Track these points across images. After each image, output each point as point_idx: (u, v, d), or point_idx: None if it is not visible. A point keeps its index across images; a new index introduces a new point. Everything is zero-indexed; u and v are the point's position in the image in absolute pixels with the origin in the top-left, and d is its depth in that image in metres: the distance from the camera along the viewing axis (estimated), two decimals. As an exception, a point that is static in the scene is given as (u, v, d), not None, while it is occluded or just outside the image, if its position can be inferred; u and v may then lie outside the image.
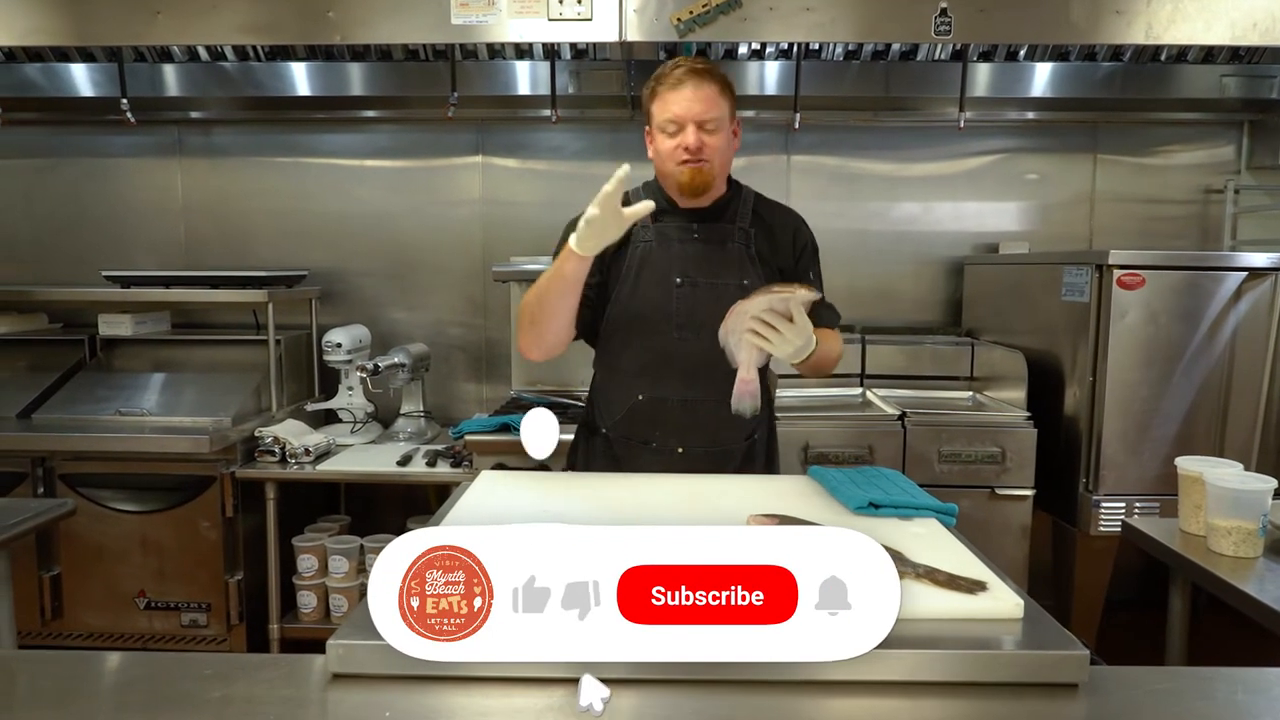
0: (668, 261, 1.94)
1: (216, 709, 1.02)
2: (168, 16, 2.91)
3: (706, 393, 1.90)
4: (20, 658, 1.32)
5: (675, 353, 1.91)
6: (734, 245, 1.97)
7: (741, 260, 1.97)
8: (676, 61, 1.89)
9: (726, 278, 1.94)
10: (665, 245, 1.96)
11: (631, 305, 1.94)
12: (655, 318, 1.93)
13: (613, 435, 2.01)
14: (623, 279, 1.95)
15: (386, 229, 3.89)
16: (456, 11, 2.86)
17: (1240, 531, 1.82)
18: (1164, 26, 2.83)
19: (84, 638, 3.13)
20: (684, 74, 1.85)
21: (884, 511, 1.57)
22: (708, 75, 1.86)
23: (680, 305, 1.92)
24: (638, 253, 1.95)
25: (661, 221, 1.97)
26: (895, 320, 3.84)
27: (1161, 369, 2.84)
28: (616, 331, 1.97)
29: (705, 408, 1.90)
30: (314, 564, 3.21)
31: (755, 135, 3.84)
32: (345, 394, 3.62)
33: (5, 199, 3.94)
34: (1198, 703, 1.09)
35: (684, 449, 1.86)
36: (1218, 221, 3.77)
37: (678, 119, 1.85)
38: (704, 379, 1.89)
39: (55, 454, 3.09)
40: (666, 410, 1.63)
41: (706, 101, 1.85)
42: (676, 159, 1.87)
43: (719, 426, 1.77)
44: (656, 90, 1.88)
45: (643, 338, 1.94)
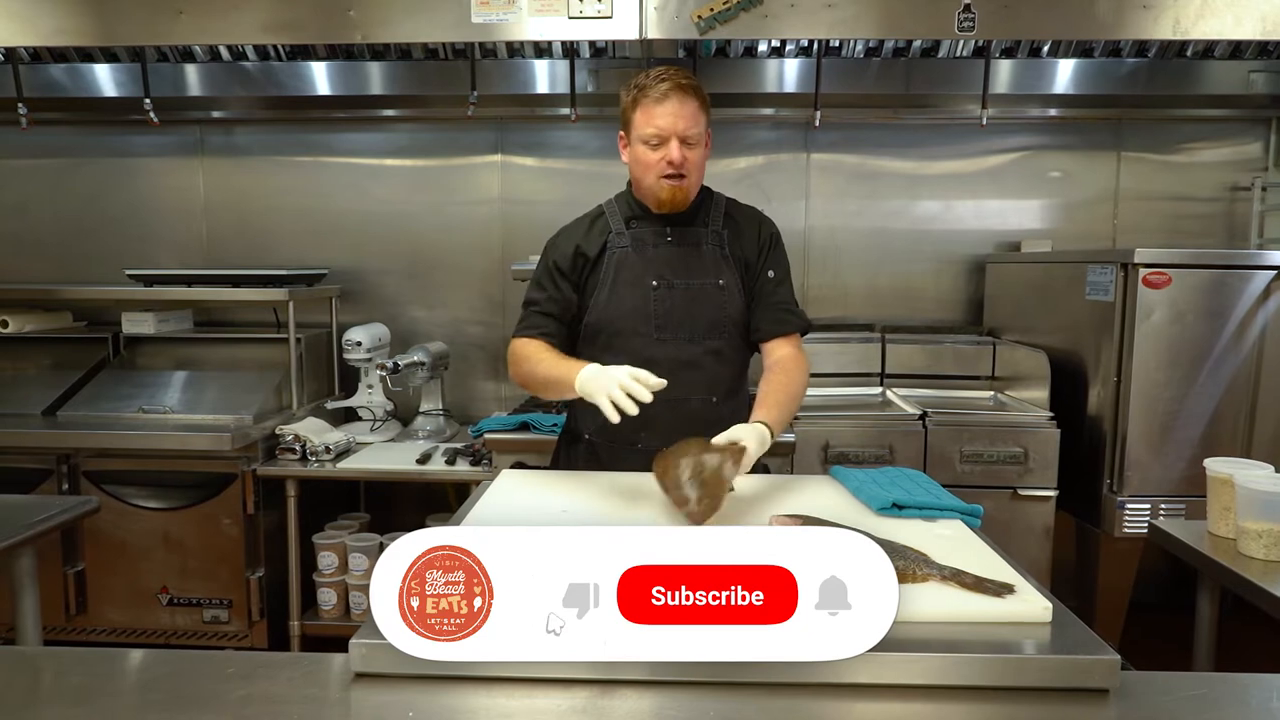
0: (644, 265, 1.97)
1: (238, 708, 1.02)
2: (190, 16, 2.93)
3: (690, 390, 1.93)
4: (45, 654, 1.33)
5: (656, 353, 1.93)
6: (708, 247, 2.00)
7: (716, 261, 1.99)
8: (660, 72, 1.87)
9: (703, 278, 1.97)
10: (641, 250, 1.98)
11: (610, 310, 1.97)
12: (634, 320, 1.95)
13: (597, 440, 2.03)
14: (599, 285, 1.98)
15: (406, 228, 3.90)
16: (477, 10, 2.86)
17: (1271, 534, 1.79)
18: (1192, 21, 2.79)
19: (107, 633, 3.16)
20: (670, 88, 1.84)
21: (908, 513, 1.56)
22: (691, 91, 1.87)
23: (658, 307, 1.95)
24: (614, 258, 1.98)
25: (635, 228, 2.00)
26: (916, 319, 3.81)
27: (1188, 369, 2.80)
28: (597, 336, 1.99)
29: (689, 406, 1.92)
30: (334, 561, 3.22)
31: (775, 133, 3.82)
32: (365, 392, 3.63)
33: (31, 198, 3.98)
34: (1232, 709, 1.07)
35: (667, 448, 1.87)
36: (1244, 219, 3.72)
37: (662, 133, 1.86)
38: (686, 377, 1.92)
39: (79, 451, 3.12)
40: (651, 410, 1.65)
41: (690, 118, 1.86)
42: (659, 172, 1.89)
43: (704, 424, 1.78)
44: (639, 100, 1.87)
45: (623, 340, 1.96)
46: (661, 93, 1.84)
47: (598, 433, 2.02)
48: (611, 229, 2.00)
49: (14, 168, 3.97)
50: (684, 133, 1.85)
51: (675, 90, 1.84)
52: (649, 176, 1.91)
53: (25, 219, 3.99)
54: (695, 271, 1.97)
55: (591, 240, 2.00)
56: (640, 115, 1.87)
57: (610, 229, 2.00)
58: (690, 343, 1.95)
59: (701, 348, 1.96)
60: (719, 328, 1.97)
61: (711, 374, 1.97)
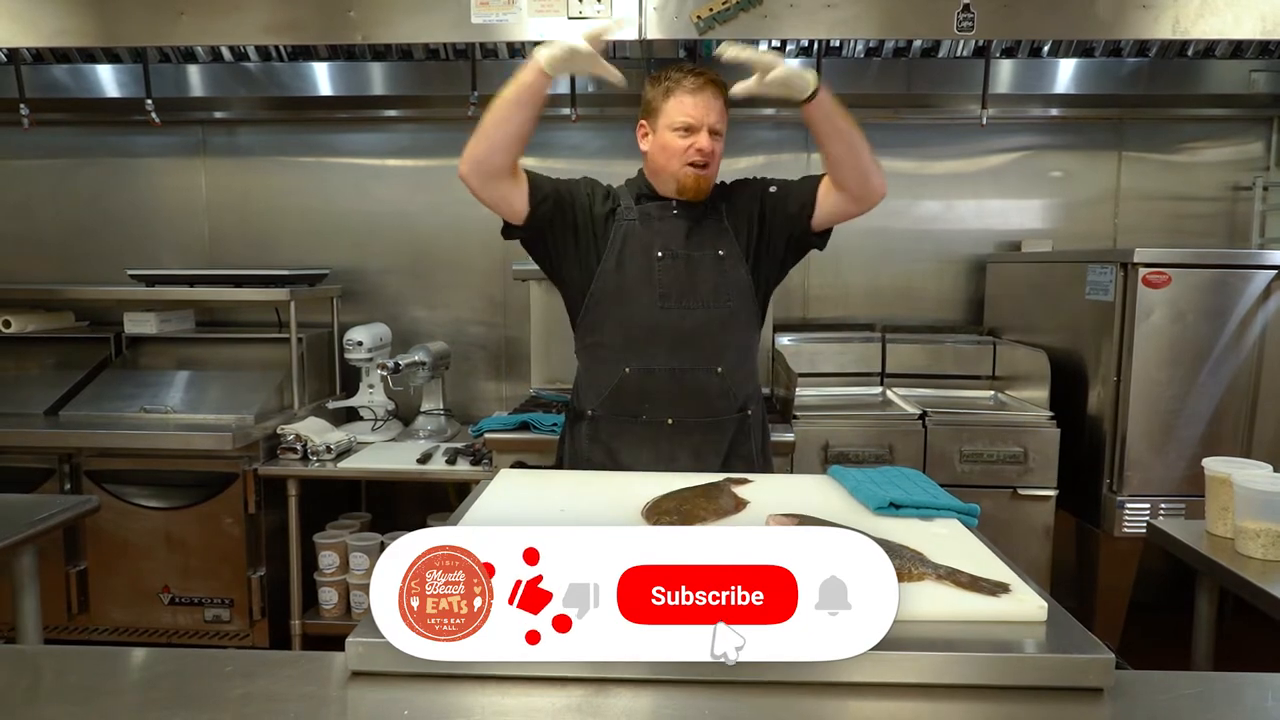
0: (649, 236, 2.02)
1: (238, 706, 1.02)
2: (192, 17, 2.94)
3: (694, 361, 1.97)
4: (46, 653, 1.33)
5: (661, 323, 1.97)
6: (710, 220, 2.06)
7: (718, 232, 2.05)
8: (693, 68, 1.99)
9: (702, 249, 2.02)
10: (647, 223, 2.04)
11: (615, 279, 2.01)
12: (639, 290, 2.00)
13: (599, 415, 2.05)
14: (606, 256, 2.02)
15: (407, 228, 3.91)
16: (477, 10, 2.87)
17: (1269, 534, 1.80)
18: (1192, 21, 2.79)
19: (109, 633, 3.17)
20: (703, 81, 1.97)
21: (905, 512, 1.56)
22: (721, 87, 1.98)
23: (663, 276, 1.99)
24: (621, 230, 2.04)
25: (644, 204, 2.07)
26: (917, 319, 3.81)
27: (1188, 369, 2.80)
28: (601, 306, 2.03)
29: (693, 376, 1.95)
30: (335, 560, 3.23)
31: (776, 134, 3.83)
32: (366, 392, 3.64)
33: (33, 199, 4.00)
34: (1226, 709, 1.07)
35: (674, 419, 1.89)
36: (1246, 219, 3.72)
37: (695, 122, 1.95)
38: (690, 348, 1.97)
39: (82, 450, 3.13)
40: (655, 381, 1.67)
41: (719, 112, 1.98)
42: (686, 159, 1.97)
43: (709, 396, 1.79)
44: (672, 90, 1.97)
45: (628, 310, 2.00)
46: (697, 85, 1.96)
47: (600, 407, 2.04)
48: (621, 203, 2.07)
49: (16, 168, 3.99)
50: (715, 125, 1.97)
51: (709, 84, 1.97)
52: (674, 163, 1.98)
53: (28, 219, 4.00)
54: (695, 243, 2.03)
55: (602, 200, 2.07)
56: (673, 103, 1.97)
57: (620, 202, 2.07)
58: (692, 309, 1.99)
59: (705, 315, 1.99)
60: (721, 295, 2.01)
61: (715, 344, 2.00)
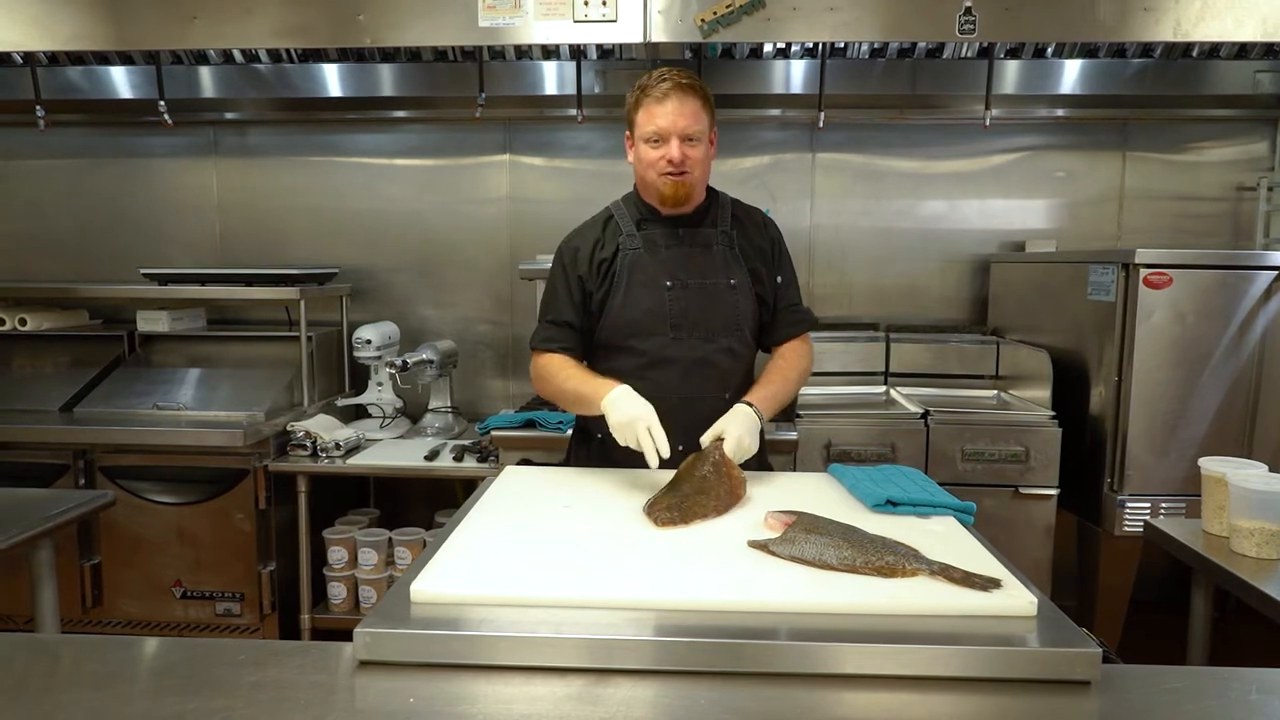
0: (657, 266, 2.00)
1: (249, 693, 1.06)
2: (204, 21, 2.98)
3: (703, 390, 1.98)
4: (64, 642, 1.37)
5: (671, 353, 1.97)
6: (719, 248, 2.03)
7: (727, 261, 2.03)
8: (662, 73, 1.92)
9: (715, 278, 2.01)
10: (653, 251, 2.01)
11: (626, 312, 2.00)
12: (649, 320, 1.98)
13: (608, 439, 2.04)
14: (615, 288, 2.01)
15: (416, 227, 3.95)
16: (484, 14, 2.90)
17: (1263, 533, 1.82)
18: (1193, 23, 2.80)
19: (122, 626, 3.22)
20: (670, 88, 1.89)
21: (901, 509, 1.59)
22: (691, 90, 1.90)
23: (673, 307, 1.98)
24: (627, 260, 2.01)
25: (646, 230, 2.03)
26: (920, 319, 3.83)
27: (1189, 369, 2.81)
28: (612, 336, 2.02)
29: (703, 405, 1.95)
30: (344, 556, 3.27)
31: (780, 134, 3.85)
32: (375, 389, 3.68)
33: (48, 198, 4.05)
34: (1211, 701, 1.09)
35: (684, 446, 1.91)
36: (1250, 219, 3.72)
37: (662, 132, 1.90)
38: (700, 376, 1.97)
39: (96, 447, 3.18)
40: (665, 408, 1.69)
41: (691, 116, 1.90)
42: (659, 170, 1.93)
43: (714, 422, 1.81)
44: (641, 100, 1.92)
45: (639, 340, 1.99)
46: (662, 92, 1.89)
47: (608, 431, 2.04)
48: (623, 231, 2.03)
49: (32, 168, 4.04)
50: (684, 130, 1.89)
51: (675, 90, 1.89)
52: (650, 174, 1.95)
53: (43, 219, 4.06)
54: (708, 271, 2.01)
55: (606, 243, 2.03)
56: (642, 115, 1.92)
57: (621, 231, 2.03)
58: (705, 341, 1.99)
59: (715, 346, 1.99)
60: (732, 326, 2.01)
61: (724, 372, 2.01)
